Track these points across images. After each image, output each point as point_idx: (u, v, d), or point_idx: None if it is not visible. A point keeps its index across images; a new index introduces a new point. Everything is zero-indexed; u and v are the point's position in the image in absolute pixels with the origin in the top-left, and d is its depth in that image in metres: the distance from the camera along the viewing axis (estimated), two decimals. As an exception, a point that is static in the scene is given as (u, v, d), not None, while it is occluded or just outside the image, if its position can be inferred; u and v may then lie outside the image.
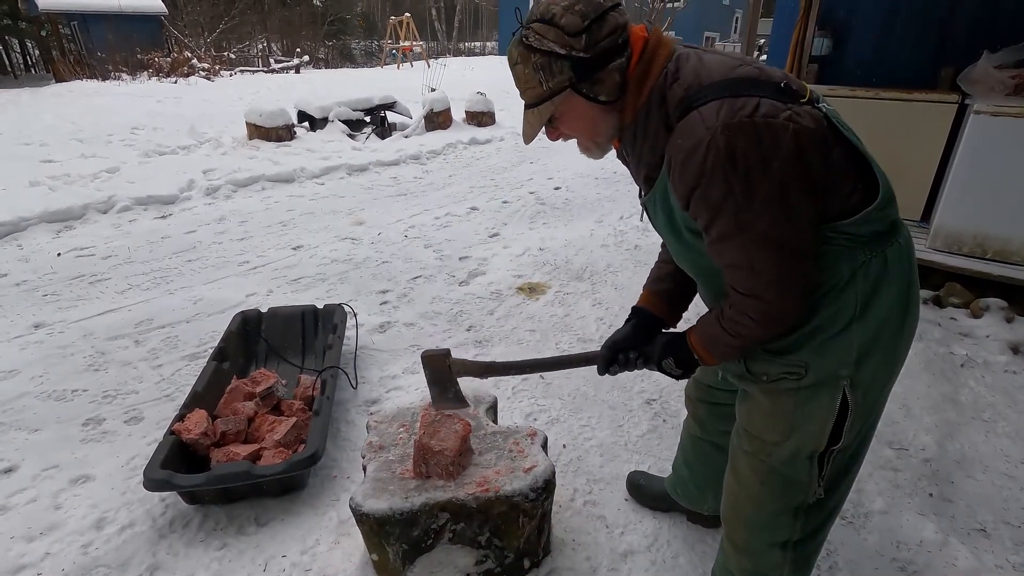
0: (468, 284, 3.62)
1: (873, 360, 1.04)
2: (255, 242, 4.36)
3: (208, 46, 23.28)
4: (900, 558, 1.72)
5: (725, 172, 0.90)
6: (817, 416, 1.08)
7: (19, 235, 4.37)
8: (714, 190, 0.91)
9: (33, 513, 1.89)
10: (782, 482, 1.16)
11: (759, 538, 1.24)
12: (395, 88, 10.73)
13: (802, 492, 1.16)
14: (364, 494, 1.47)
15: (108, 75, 15.91)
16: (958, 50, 3.70)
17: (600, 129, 1.08)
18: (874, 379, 1.07)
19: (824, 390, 1.06)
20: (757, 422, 1.17)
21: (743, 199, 0.91)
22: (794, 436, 1.11)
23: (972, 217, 3.14)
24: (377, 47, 32.50)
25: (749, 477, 1.22)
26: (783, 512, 1.19)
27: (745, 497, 1.24)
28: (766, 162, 0.89)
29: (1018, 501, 1.93)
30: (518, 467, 1.54)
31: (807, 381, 1.07)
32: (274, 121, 7.47)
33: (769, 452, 1.15)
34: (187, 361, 2.77)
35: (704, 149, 0.90)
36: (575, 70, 0.99)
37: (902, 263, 1.03)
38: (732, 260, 0.99)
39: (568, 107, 1.04)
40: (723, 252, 0.99)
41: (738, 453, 1.24)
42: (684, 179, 0.94)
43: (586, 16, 0.96)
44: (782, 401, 1.11)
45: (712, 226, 0.96)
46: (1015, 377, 2.57)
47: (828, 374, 1.05)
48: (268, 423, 2.15)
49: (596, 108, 1.04)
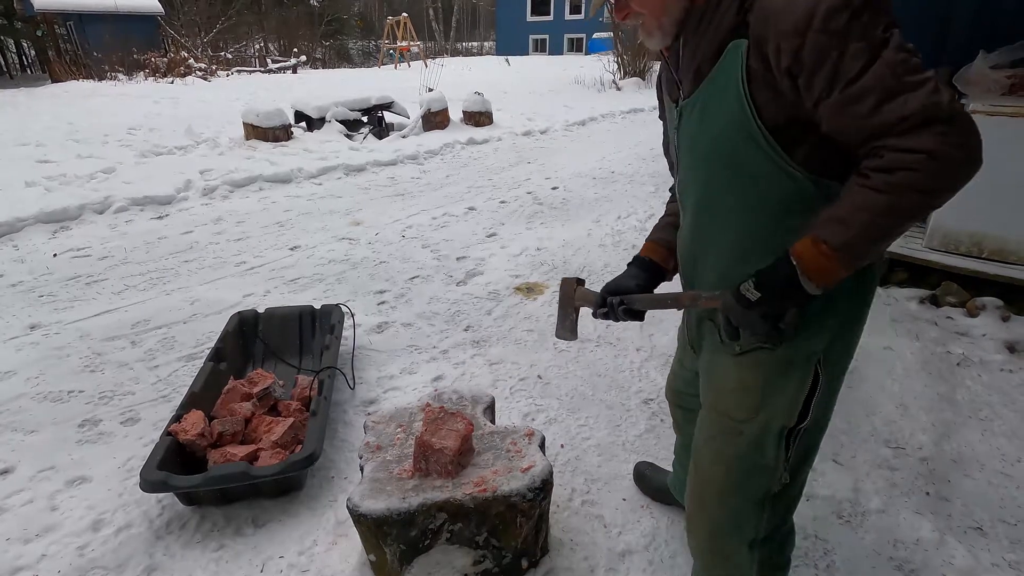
0: (466, 284, 3.62)
1: (846, 337, 1.03)
2: (252, 242, 4.36)
3: (205, 46, 23.25)
4: (897, 557, 1.73)
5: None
6: (788, 390, 1.04)
7: (15, 236, 4.36)
8: (836, 17, 0.79)
9: (29, 515, 1.88)
10: (748, 467, 1.12)
11: (726, 538, 1.20)
12: (392, 88, 10.73)
13: (767, 478, 1.12)
14: (361, 495, 1.47)
15: (104, 75, 15.88)
16: (954, 50, 3.72)
17: (668, 7, 0.98)
18: (841, 357, 1.06)
19: (797, 364, 1.03)
20: (725, 400, 1.13)
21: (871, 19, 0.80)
22: (763, 411, 1.07)
23: (968, 216, 3.15)
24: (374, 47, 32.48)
25: (713, 468, 1.17)
26: (749, 504, 1.15)
27: (710, 494, 1.20)
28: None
29: (1014, 500, 1.94)
30: (516, 467, 1.54)
31: (780, 353, 1.02)
32: (271, 121, 7.46)
33: (739, 431, 1.10)
34: (184, 362, 2.77)
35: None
36: None
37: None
38: (881, 92, 0.80)
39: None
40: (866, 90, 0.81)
41: (701, 446, 1.20)
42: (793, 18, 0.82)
43: None
44: (752, 374, 1.06)
45: (841, 64, 0.81)
46: (1011, 376, 2.58)
47: (803, 349, 1.02)
48: (265, 424, 2.14)
49: None
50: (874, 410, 2.37)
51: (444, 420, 1.57)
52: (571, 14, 30.34)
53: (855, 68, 0.80)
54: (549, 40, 31.69)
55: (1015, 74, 3.22)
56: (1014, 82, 3.20)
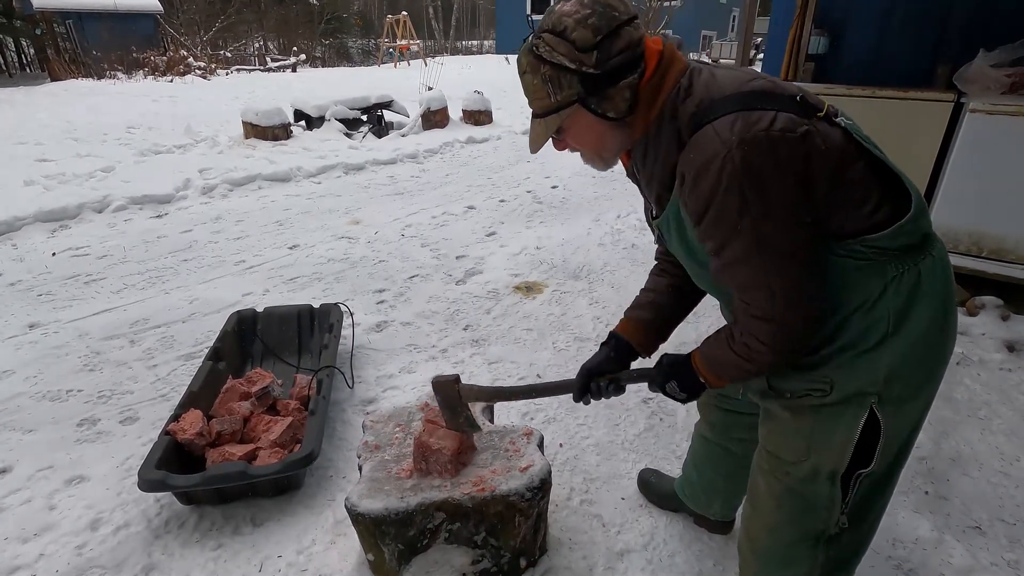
0: (465, 283, 3.62)
1: (905, 377, 0.99)
2: (251, 241, 4.35)
3: (204, 45, 23.22)
4: (896, 556, 1.73)
5: (741, 187, 0.86)
6: (837, 433, 1.03)
7: (14, 235, 4.36)
8: (729, 207, 0.88)
9: (27, 514, 1.88)
10: (800, 505, 1.10)
11: (774, 571, 1.19)
12: (392, 87, 10.72)
13: (822, 519, 1.10)
14: (360, 494, 1.47)
15: (103, 74, 15.85)
16: (954, 49, 3.71)
17: (607, 144, 1.06)
18: (907, 398, 1.01)
19: (849, 408, 1.02)
20: (775, 440, 1.13)
21: (760, 215, 0.87)
22: (813, 455, 1.06)
23: (968, 215, 3.14)
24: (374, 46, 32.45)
25: (765, 499, 1.16)
26: (801, 541, 1.13)
27: (761, 524, 1.19)
28: (783, 176, 0.87)
29: (1013, 499, 1.94)
30: (514, 466, 1.54)
31: (832, 398, 1.02)
32: (270, 120, 7.45)
33: (787, 471, 1.11)
34: (183, 361, 2.77)
35: (720, 163, 0.86)
36: (584, 85, 0.96)
37: (936, 277, 0.98)
38: (747, 281, 0.94)
39: (575, 121, 1.02)
40: (737, 274, 0.95)
41: (756, 473, 1.20)
42: (697, 196, 0.91)
43: (599, 31, 0.92)
44: (803, 418, 1.06)
45: (726, 247, 0.92)
46: (1010, 375, 2.57)
47: (855, 391, 1.00)
48: (264, 423, 2.14)
49: (604, 124, 1.01)
50: (873, 409, 2.37)
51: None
52: (571, 13, 30.32)
53: (733, 256, 0.93)
54: (549, 39, 31.66)
55: (1015, 72, 3.21)
56: (1014, 80, 3.20)
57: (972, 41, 3.51)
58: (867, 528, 1.14)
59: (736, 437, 1.49)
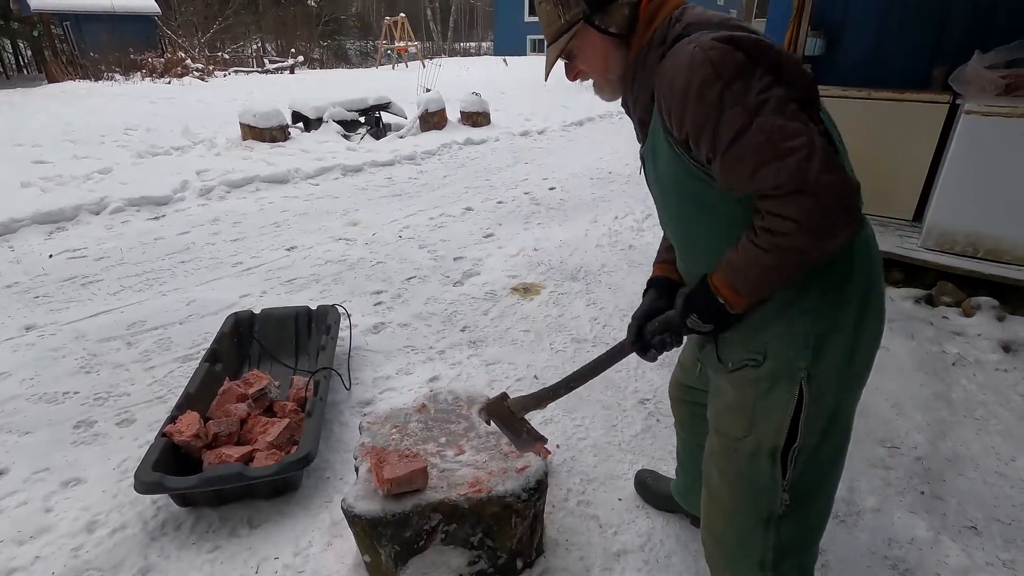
0: (462, 285, 3.62)
1: (831, 354, 1.02)
2: (249, 243, 4.35)
3: (202, 46, 23.22)
4: (892, 556, 1.73)
5: (718, 68, 0.88)
6: (775, 409, 1.06)
7: (10, 236, 4.35)
8: (710, 89, 0.88)
9: (23, 516, 1.88)
10: (750, 486, 1.14)
11: (738, 560, 1.22)
12: (390, 88, 10.72)
13: (770, 499, 1.12)
14: (356, 495, 1.47)
15: (101, 75, 15.85)
16: (950, 50, 3.72)
17: (611, 64, 1.11)
18: (833, 377, 1.04)
19: (782, 382, 1.05)
20: (723, 417, 1.17)
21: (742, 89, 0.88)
22: (755, 430, 1.10)
23: (964, 216, 3.15)
24: (372, 47, 32.46)
25: (719, 485, 1.20)
26: (755, 524, 1.15)
27: (718, 512, 1.23)
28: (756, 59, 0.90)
29: (1009, 499, 1.94)
30: (511, 467, 1.54)
31: (765, 370, 1.06)
32: (268, 122, 7.46)
33: (735, 448, 1.14)
34: (180, 363, 2.76)
35: (692, 55, 0.90)
36: (587, 2, 1.06)
37: (871, 250, 1.05)
38: (755, 159, 0.88)
39: (582, 41, 1.10)
40: (742, 156, 0.89)
41: (709, 461, 1.23)
42: (676, 91, 0.92)
43: None
44: (744, 392, 1.10)
45: (718, 132, 0.89)
46: (1006, 375, 2.58)
47: (785, 364, 1.04)
48: (261, 425, 2.14)
49: (608, 42, 1.08)
50: (869, 409, 2.37)
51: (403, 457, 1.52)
52: (569, 14, 30.36)
53: (731, 133, 0.89)
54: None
55: (1010, 74, 3.22)
56: (1009, 82, 3.21)
57: (968, 43, 3.53)
58: (814, 509, 1.16)
59: (705, 432, 1.48)
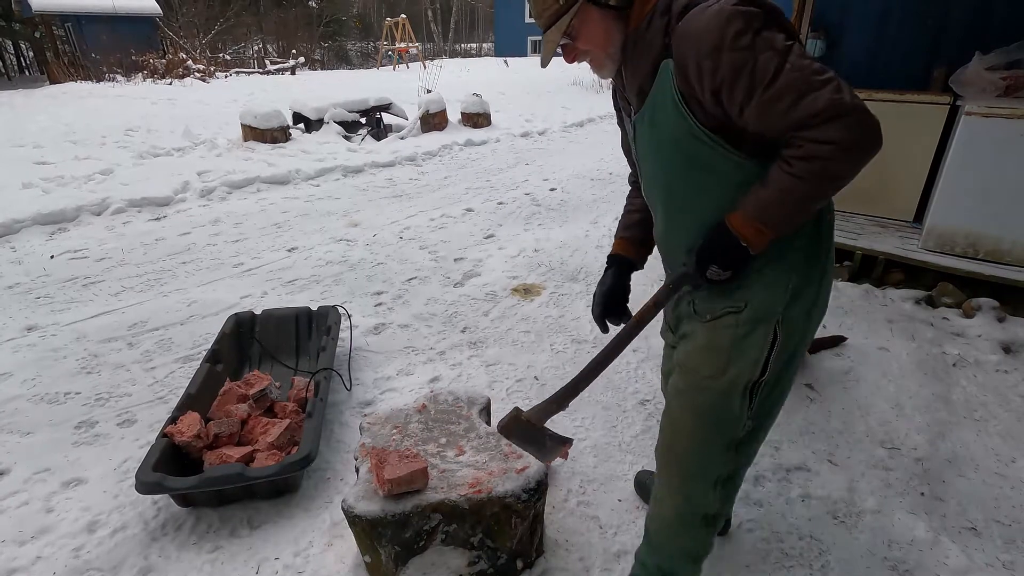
0: (463, 285, 3.62)
1: (802, 303, 1.14)
2: (250, 244, 4.36)
3: (203, 47, 23.25)
4: (892, 557, 1.73)
5: (747, 20, 0.94)
6: (752, 349, 1.15)
7: (12, 237, 4.36)
8: (743, 37, 0.94)
9: (24, 516, 1.88)
10: (716, 418, 1.22)
11: (696, 478, 1.31)
12: (391, 89, 10.73)
13: (733, 426, 1.22)
14: (357, 496, 1.47)
15: (102, 77, 15.87)
16: (950, 52, 3.73)
17: (612, 38, 1.10)
18: (800, 322, 1.16)
19: (760, 325, 1.14)
20: (695, 357, 1.22)
21: (771, 35, 0.95)
22: (731, 369, 1.17)
23: (964, 217, 3.16)
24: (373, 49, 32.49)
25: (683, 417, 1.27)
26: (718, 448, 1.26)
27: (680, 441, 1.30)
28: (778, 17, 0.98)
29: (1009, 500, 1.94)
30: (511, 468, 1.55)
31: (745, 316, 1.14)
32: (269, 123, 7.46)
33: (705, 386, 1.21)
34: (180, 363, 2.77)
35: (719, 13, 0.95)
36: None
37: (829, 224, 1.16)
38: (791, 96, 0.94)
39: (583, 19, 1.08)
40: (779, 94, 0.94)
41: (672, 396, 1.30)
42: (706, 46, 0.96)
43: None
44: (720, 336, 1.17)
45: (755, 73, 0.94)
46: (1007, 376, 2.58)
47: (766, 310, 1.13)
48: (261, 425, 2.14)
49: (608, 16, 1.08)
50: (869, 410, 2.37)
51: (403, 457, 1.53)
52: (569, 15, 30.36)
53: (769, 74, 0.94)
54: (547, 41, 31.69)
55: (1010, 75, 3.23)
56: (1009, 83, 3.22)
57: (968, 44, 3.53)
58: (767, 426, 1.29)
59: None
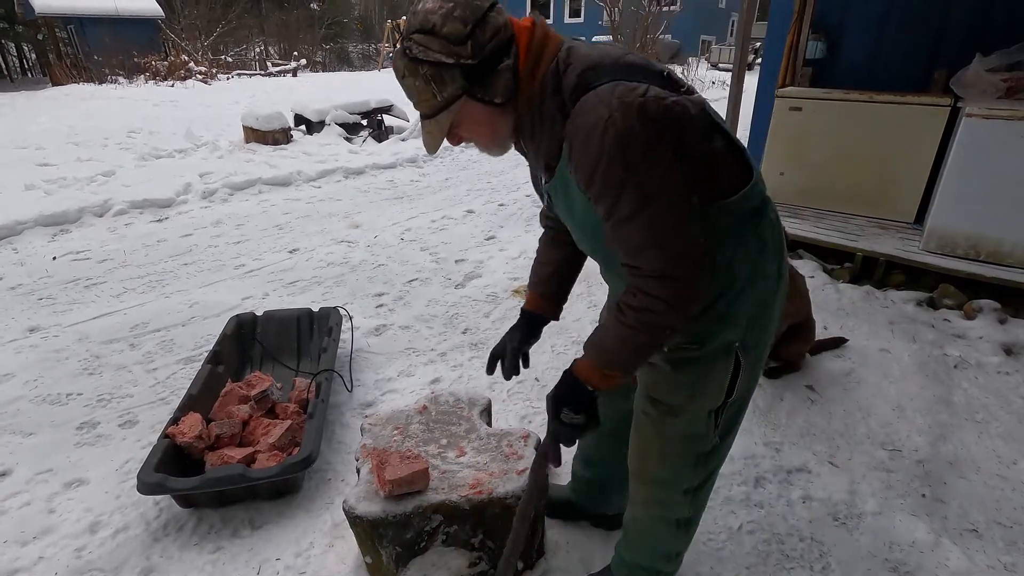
0: (464, 287, 3.63)
1: (759, 323, 1.13)
2: (251, 245, 4.36)
3: (205, 49, 23.30)
4: (892, 559, 1.73)
5: (624, 148, 0.91)
6: (716, 379, 1.15)
7: (14, 239, 4.37)
8: (615, 167, 0.93)
9: (26, 517, 1.89)
10: (685, 439, 1.24)
11: (667, 489, 1.33)
12: (392, 91, 10.73)
13: (701, 443, 1.24)
14: (357, 497, 1.48)
15: (105, 78, 15.91)
16: (951, 53, 3.73)
17: (500, 129, 1.09)
18: (759, 340, 1.15)
19: (720, 356, 1.13)
20: (661, 388, 1.22)
21: (645, 172, 0.93)
22: (697, 400, 1.18)
23: (965, 219, 3.16)
24: (374, 50, 32.54)
25: (654, 439, 1.28)
26: (687, 464, 1.27)
27: (652, 456, 1.30)
28: (661, 137, 0.93)
29: (1010, 502, 1.94)
30: (511, 469, 1.55)
31: (705, 351, 1.13)
32: (271, 124, 7.48)
33: (675, 414, 1.21)
34: (182, 364, 2.77)
35: (603, 127, 0.91)
36: (467, 77, 0.98)
37: (773, 233, 1.11)
38: (638, 240, 0.98)
39: (466, 113, 1.04)
40: (629, 234, 0.98)
41: (642, 416, 1.29)
42: (586, 159, 0.95)
43: (467, 21, 0.95)
44: (684, 369, 1.16)
45: (616, 206, 0.96)
46: (1008, 378, 2.58)
47: (722, 343, 1.12)
48: (263, 426, 2.15)
49: (493, 110, 1.04)
50: (870, 412, 2.37)
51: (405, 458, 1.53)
52: (570, 17, 30.32)
53: (624, 213, 0.96)
54: (549, 43, 31.68)
55: (1011, 77, 3.23)
56: (1010, 85, 3.22)
57: (968, 46, 3.54)
58: (732, 438, 1.30)
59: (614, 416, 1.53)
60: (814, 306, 2.62)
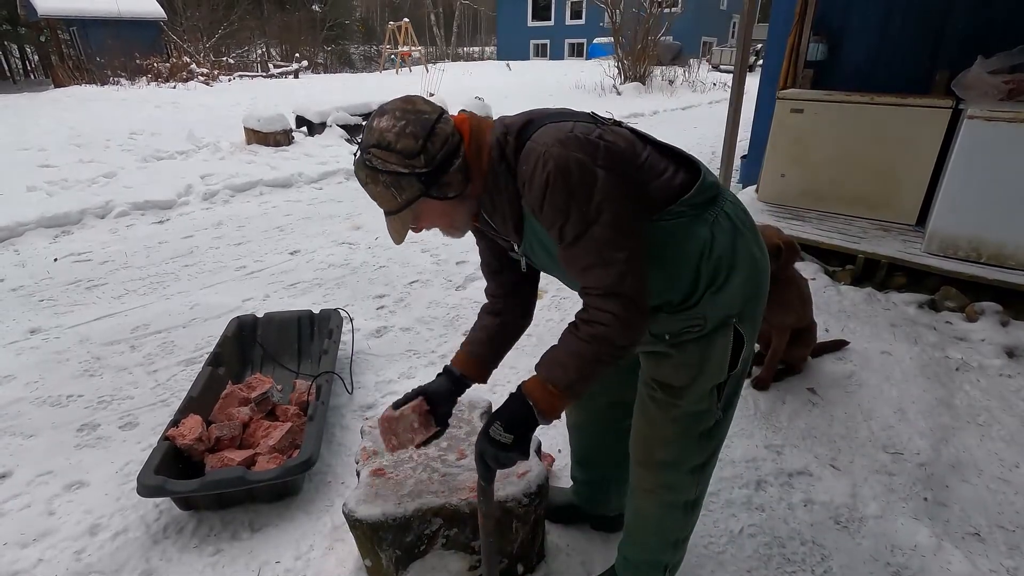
0: (465, 288, 3.62)
1: (752, 296, 1.20)
2: (252, 247, 4.37)
3: (207, 51, 23.35)
4: (894, 563, 1.72)
5: (564, 178, 1.02)
6: (718, 355, 1.21)
7: (16, 240, 4.38)
8: (558, 193, 1.03)
9: (27, 519, 1.89)
10: (691, 417, 1.27)
11: (674, 471, 1.35)
12: (394, 93, 10.70)
13: (706, 419, 1.28)
14: (357, 500, 1.47)
15: (107, 80, 15.92)
16: (952, 55, 3.73)
17: (458, 218, 1.20)
18: (754, 312, 1.22)
19: (720, 332, 1.19)
20: (665, 371, 1.26)
21: (584, 196, 1.02)
22: (700, 377, 1.22)
23: (967, 221, 3.15)
24: (376, 52, 32.60)
25: (660, 420, 1.30)
26: (691, 442, 1.30)
27: (658, 440, 1.33)
28: (592, 164, 1.03)
29: (1012, 505, 1.93)
30: (511, 472, 1.54)
31: (708, 328, 1.18)
32: (272, 126, 7.48)
33: (679, 395, 1.25)
34: (183, 366, 2.77)
35: (543, 163, 1.03)
36: (422, 182, 1.09)
37: (739, 213, 1.19)
38: (587, 261, 1.06)
39: (425, 210, 1.14)
40: (577, 255, 1.07)
41: (647, 400, 1.32)
42: (533, 195, 1.06)
43: (418, 136, 1.06)
44: (688, 350, 1.21)
45: (564, 230, 1.05)
46: (1010, 381, 2.57)
47: (723, 319, 1.18)
48: (263, 428, 2.15)
49: (450, 203, 1.15)
50: (872, 415, 2.36)
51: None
52: (572, 19, 30.37)
53: (571, 236, 1.05)
54: (550, 45, 31.69)
55: (1013, 79, 3.23)
56: (1012, 87, 3.22)
57: (970, 48, 3.53)
58: (732, 411, 1.34)
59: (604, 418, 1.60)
60: (815, 308, 2.61)
